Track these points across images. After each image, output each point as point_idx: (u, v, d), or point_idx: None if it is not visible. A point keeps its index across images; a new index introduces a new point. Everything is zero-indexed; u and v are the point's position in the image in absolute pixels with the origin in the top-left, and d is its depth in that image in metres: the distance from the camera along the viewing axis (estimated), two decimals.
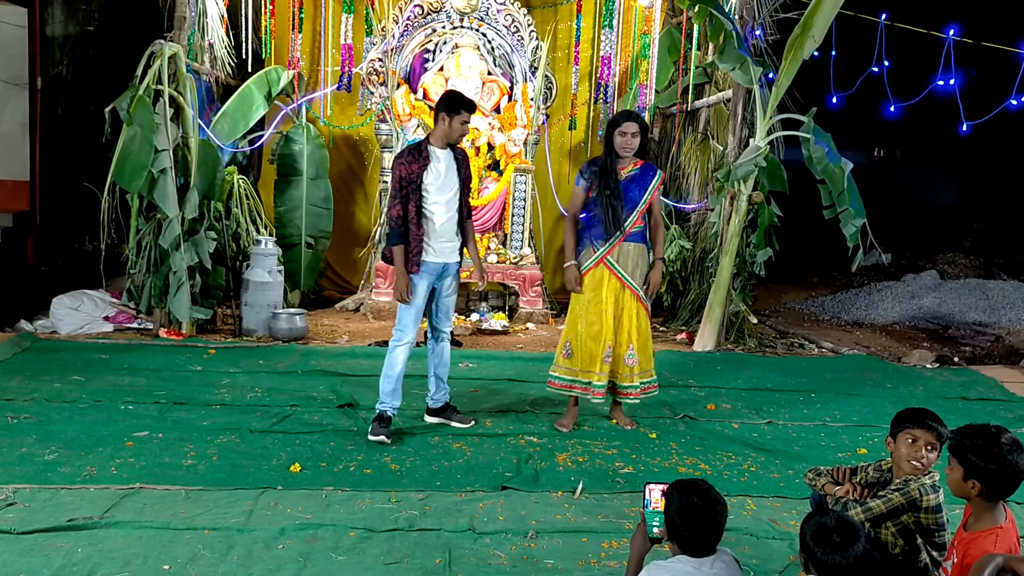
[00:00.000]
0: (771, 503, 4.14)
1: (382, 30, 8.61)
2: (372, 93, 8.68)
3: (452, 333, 7.34)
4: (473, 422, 5.13)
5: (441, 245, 4.88)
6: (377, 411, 4.89)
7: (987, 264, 13.13)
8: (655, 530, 2.63)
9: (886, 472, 3.17)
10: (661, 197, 5.23)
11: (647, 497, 2.65)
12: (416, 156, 4.81)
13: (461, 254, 5.05)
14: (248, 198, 8.22)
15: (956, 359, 7.94)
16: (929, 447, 3.00)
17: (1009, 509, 2.71)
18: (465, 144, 8.49)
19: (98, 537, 3.41)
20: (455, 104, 4.82)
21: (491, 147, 8.65)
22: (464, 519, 3.75)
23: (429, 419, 5.17)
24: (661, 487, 2.64)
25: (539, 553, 3.47)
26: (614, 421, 5.32)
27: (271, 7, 8.72)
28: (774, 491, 4.28)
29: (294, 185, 8.53)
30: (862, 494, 3.13)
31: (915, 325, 9.80)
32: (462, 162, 4.96)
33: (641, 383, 5.18)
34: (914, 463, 3.00)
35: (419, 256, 4.82)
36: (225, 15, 8.22)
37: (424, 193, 4.79)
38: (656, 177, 5.08)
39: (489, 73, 8.77)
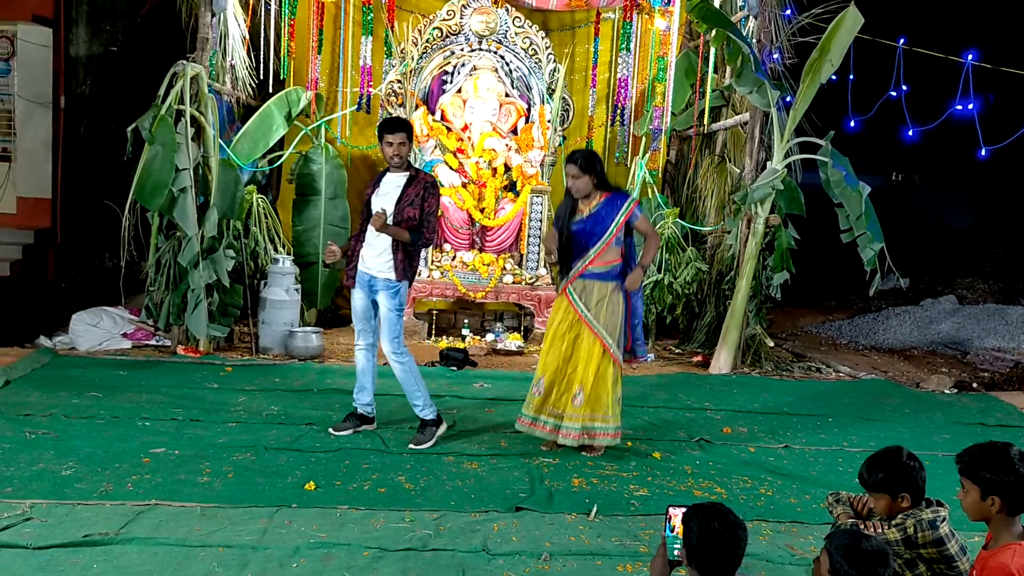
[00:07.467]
0: (788, 528, 4.11)
1: (401, 52, 8.70)
2: (390, 114, 8.74)
3: (467, 353, 7.39)
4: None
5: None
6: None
7: (1006, 289, 13.03)
8: (676, 553, 2.60)
9: None
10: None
11: (669, 521, 2.62)
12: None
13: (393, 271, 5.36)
14: (266, 217, 8.28)
15: (975, 384, 7.87)
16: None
17: None
18: (482, 165, 8.55)
19: (113, 553, 3.42)
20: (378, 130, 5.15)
21: (508, 168, 8.68)
22: (478, 540, 3.73)
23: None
24: (683, 510, 2.61)
25: (553, 575, 3.46)
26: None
27: (291, 29, 8.82)
28: (791, 516, 4.25)
29: (312, 204, 8.58)
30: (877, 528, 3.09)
31: (933, 350, 9.73)
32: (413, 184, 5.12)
33: (585, 427, 4.89)
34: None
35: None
36: (247, 36, 8.33)
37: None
38: (623, 208, 4.85)
39: (507, 95, 8.83)
